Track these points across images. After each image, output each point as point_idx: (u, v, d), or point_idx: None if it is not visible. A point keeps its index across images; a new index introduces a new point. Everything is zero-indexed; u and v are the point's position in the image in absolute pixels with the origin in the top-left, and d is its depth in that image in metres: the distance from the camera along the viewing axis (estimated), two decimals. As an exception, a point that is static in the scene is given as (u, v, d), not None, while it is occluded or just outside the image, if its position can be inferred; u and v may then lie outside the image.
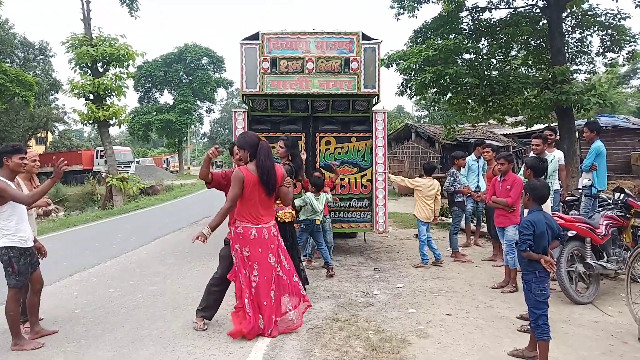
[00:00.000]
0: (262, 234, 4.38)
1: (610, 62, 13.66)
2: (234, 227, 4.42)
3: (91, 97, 18.91)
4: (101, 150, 29.03)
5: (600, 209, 6.29)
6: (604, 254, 5.58)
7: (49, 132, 43.78)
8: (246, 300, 4.33)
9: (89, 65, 18.92)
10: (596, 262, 5.40)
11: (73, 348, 4.28)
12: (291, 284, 4.58)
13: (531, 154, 6.85)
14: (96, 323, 4.95)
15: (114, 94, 19.27)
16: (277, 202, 5.95)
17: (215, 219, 4.31)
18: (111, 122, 19.55)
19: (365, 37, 7.50)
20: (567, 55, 12.62)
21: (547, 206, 4.39)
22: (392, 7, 12.98)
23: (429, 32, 12.99)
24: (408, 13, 12.82)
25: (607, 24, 12.15)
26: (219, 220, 4.31)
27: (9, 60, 31.19)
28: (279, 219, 5.84)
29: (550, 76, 11.27)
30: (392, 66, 12.36)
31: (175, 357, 4.00)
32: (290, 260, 4.71)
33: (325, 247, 6.81)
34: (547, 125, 11.02)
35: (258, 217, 4.38)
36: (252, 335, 4.30)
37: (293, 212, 5.99)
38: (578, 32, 12.87)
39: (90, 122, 19.57)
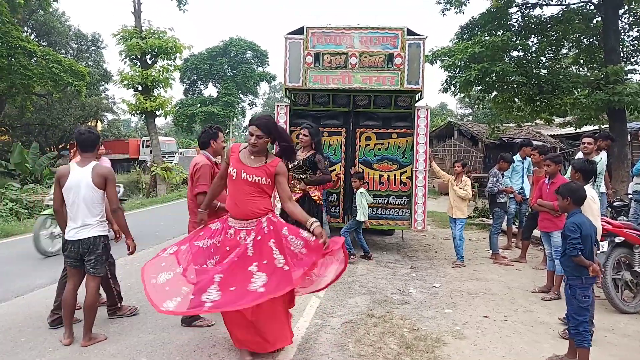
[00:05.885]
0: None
1: (669, 62, 13.00)
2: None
3: (139, 88, 19.47)
4: (147, 140, 29.87)
5: (652, 215, 6.03)
6: (654, 262, 5.34)
7: (98, 121, 45.40)
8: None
9: (138, 57, 19.47)
10: (645, 270, 5.18)
11: (116, 329, 4.47)
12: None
13: (580, 155, 6.62)
14: (138, 306, 5.13)
15: (161, 85, 19.75)
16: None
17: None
18: (157, 113, 20.06)
19: (410, 32, 7.40)
20: (622, 54, 12.08)
21: (590, 209, 4.18)
22: (438, 3, 12.77)
23: (476, 28, 12.68)
24: (455, 9, 12.58)
25: (668, 21, 11.57)
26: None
27: (63, 51, 32.39)
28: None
29: (602, 76, 10.82)
30: (436, 62, 12.16)
31: (212, 343, 4.11)
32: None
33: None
34: (584, 132, 10.50)
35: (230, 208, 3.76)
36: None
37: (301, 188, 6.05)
38: (635, 29, 12.29)
39: (138, 112, 20.14)
